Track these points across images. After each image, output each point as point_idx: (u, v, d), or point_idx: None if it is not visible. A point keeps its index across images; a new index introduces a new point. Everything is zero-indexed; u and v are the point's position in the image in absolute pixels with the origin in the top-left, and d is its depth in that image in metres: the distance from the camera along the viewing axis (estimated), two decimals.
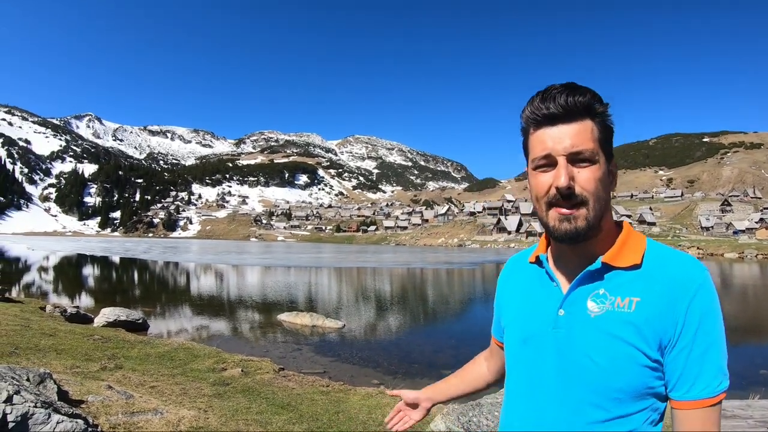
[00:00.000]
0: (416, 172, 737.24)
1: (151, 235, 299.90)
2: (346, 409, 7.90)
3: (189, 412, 6.51)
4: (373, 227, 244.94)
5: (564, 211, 1.35)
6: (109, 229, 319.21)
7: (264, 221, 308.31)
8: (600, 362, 1.31)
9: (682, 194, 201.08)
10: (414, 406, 1.98)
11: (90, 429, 4.68)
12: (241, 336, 17.44)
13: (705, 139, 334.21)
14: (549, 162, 1.36)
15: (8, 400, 4.22)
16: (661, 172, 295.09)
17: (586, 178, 1.33)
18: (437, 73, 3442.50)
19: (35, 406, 4.33)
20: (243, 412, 7.13)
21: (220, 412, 6.89)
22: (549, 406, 1.39)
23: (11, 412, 4.15)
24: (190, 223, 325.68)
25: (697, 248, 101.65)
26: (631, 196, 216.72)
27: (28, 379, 5.11)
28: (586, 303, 1.38)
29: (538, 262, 1.54)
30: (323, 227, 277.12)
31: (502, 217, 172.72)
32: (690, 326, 1.28)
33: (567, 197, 1.33)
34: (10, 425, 4.09)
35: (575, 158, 1.34)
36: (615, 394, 1.30)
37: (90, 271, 47.23)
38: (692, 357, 1.28)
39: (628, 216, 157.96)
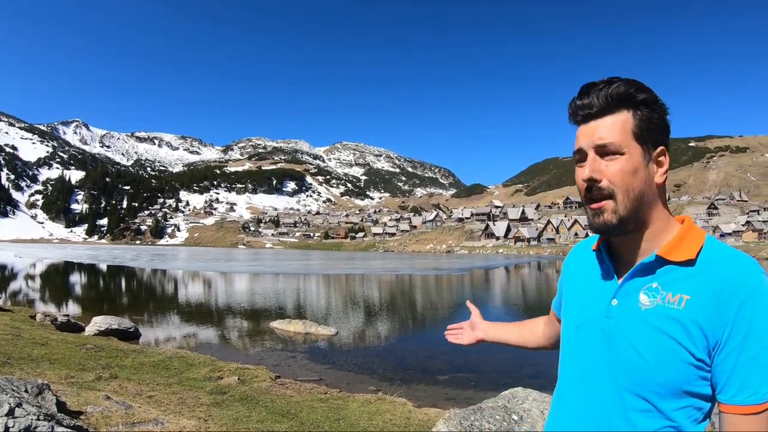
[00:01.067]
0: (404, 178, 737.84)
1: (138, 242, 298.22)
2: (346, 416, 7.84)
3: (189, 421, 6.43)
4: (361, 234, 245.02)
5: (593, 206, 1.42)
6: (96, 236, 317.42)
7: (252, 228, 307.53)
8: (644, 355, 1.33)
9: (669, 198, 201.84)
10: (473, 326, 2.20)
11: None
12: (234, 344, 17.34)
13: (691, 144, 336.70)
14: (582, 157, 1.44)
15: (10, 413, 4.13)
16: None
17: (613, 171, 1.37)
18: (425, 80, 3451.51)
19: (38, 419, 4.23)
20: (243, 420, 7.05)
21: (221, 422, 6.81)
22: (596, 391, 1.43)
23: (14, 426, 4.05)
24: (178, 230, 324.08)
25: None
26: None
27: (26, 391, 5.01)
28: (638, 295, 1.40)
29: (599, 250, 1.57)
30: (311, 234, 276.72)
31: (491, 223, 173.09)
32: (739, 329, 1.26)
33: (589, 189, 1.40)
34: None
35: (603, 151, 1.39)
36: (655, 388, 1.32)
37: (78, 279, 46.91)
38: (740, 361, 1.25)
39: None
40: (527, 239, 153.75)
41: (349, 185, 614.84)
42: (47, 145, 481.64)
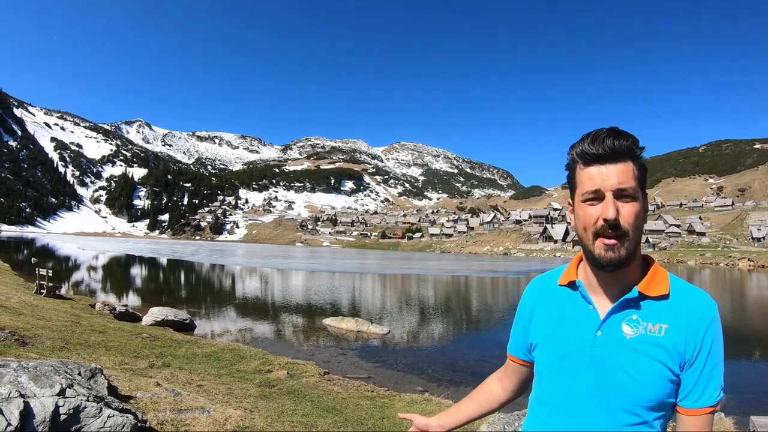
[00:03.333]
0: (462, 179, 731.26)
1: (198, 238, 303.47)
2: (390, 414, 7.85)
3: (235, 411, 6.53)
4: (418, 234, 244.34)
5: (610, 241, 1.58)
6: (157, 231, 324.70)
7: (310, 227, 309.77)
8: (636, 377, 1.57)
9: (732, 203, 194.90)
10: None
11: (139, 424, 4.72)
12: (286, 339, 17.53)
13: (756, 146, 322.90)
14: (597, 196, 1.60)
15: (61, 393, 4.28)
16: (711, 180, 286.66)
17: (628, 212, 1.58)
18: (484, 80, 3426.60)
19: (87, 400, 4.38)
20: (288, 414, 7.13)
21: (266, 413, 6.91)
22: (587, 411, 1.64)
23: (64, 405, 4.20)
24: (237, 227, 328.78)
25: (748, 260, 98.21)
26: (680, 205, 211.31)
27: (79, 374, 5.17)
28: (621, 326, 1.63)
29: (571, 285, 1.78)
30: (368, 233, 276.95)
31: (549, 226, 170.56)
32: (705, 350, 1.57)
33: (614, 228, 1.57)
34: (62, 417, 4.15)
35: (620, 194, 1.58)
36: (646, 403, 1.58)
37: (138, 272, 48.02)
38: (704, 374, 1.58)
39: (677, 226, 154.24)
40: None
41: (406, 185, 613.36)
42: (111, 144, 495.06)
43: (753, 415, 8.04)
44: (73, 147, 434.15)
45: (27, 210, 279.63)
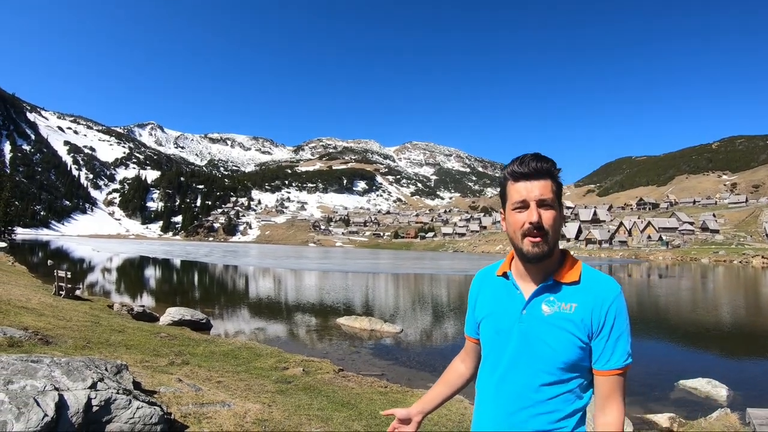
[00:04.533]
0: (474, 178, 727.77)
1: (211, 239, 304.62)
2: None
3: (254, 405, 6.79)
4: (431, 234, 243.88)
5: (535, 239, 2.01)
6: (170, 233, 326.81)
7: (322, 227, 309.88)
8: (552, 345, 1.99)
9: (746, 200, 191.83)
10: (406, 421, 2.37)
11: (165, 416, 4.98)
12: (301, 338, 17.74)
13: None
14: (524, 205, 2.03)
15: (93, 386, 4.55)
16: (724, 177, 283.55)
17: (548, 217, 2.02)
18: (495, 79, 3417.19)
19: (117, 393, 4.65)
20: (305, 408, 7.37)
21: (284, 407, 7.14)
22: (515, 373, 2.05)
23: (96, 397, 4.46)
24: (250, 228, 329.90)
25: (762, 257, 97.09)
26: (694, 202, 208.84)
27: (106, 369, 5.43)
28: (541, 306, 2.05)
29: (505, 276, 2.22)
30: (381, 233, 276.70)
31: None
32: (608, 323, 1.98)
33: (538, 228, 2.00)
34: (95, 408, 4.41)
35: (541, 203, 2.02)
36: (561, 365, 1.99)
37: (153, 273, 48.42)
38: (609, 342, 1.98)
39: (691, 223, 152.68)
40: (599, 241, 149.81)
41: (419, 185, 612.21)
42: (124, 147, 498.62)
43: (749, 408, 8.14)
44: (86, 150, 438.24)
45: (41, 213, 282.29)
